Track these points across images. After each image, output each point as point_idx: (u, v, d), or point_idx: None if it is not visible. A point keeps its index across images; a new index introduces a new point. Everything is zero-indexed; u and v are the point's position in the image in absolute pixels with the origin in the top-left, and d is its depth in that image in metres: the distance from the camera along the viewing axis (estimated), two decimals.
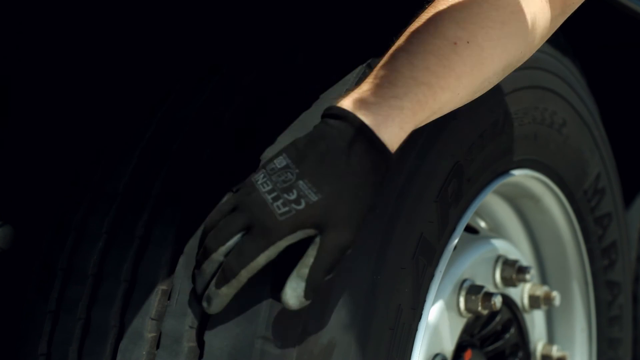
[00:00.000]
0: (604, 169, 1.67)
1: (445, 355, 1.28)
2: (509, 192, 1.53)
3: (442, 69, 0.93)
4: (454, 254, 1.29)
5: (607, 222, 1.71)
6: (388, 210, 1.03)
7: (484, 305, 1.29)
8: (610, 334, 1.78)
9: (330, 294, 0.96)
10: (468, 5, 0.96)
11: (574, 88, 1.53)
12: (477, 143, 1.21)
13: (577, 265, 1.65)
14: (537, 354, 1.61)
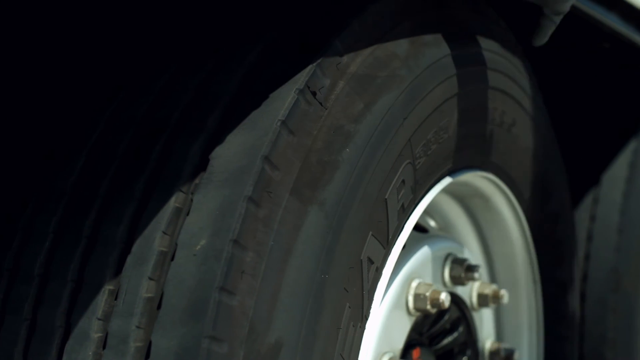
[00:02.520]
0: (552, 168, 1.72)
1: (394, 353, 1.30)
2: (458, 191, 1.57)
3: None
4: (403, 252, 1.33)
5: (555, 221, 1.76)
6: (337, 209, 1.05)
7: (432, 304, 1.33)
8: (556, 331, 1.83)
9: (278, 293, 0.98)
10: None
11: (523, 88, 1.57)
12: (426, 143, 1.24)
13: (525, 264, 1.70)
14: (485, 352, 1.65)
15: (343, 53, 1.12)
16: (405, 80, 1.18)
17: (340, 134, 1.07)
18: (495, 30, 1.50)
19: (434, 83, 1.25)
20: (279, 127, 1.02)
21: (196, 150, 1.08)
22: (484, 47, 1.43)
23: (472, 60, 1.37)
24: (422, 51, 1.24)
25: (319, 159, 1.04)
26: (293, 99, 1.05)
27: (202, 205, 1.01)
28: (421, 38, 1.25)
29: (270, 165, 1.00)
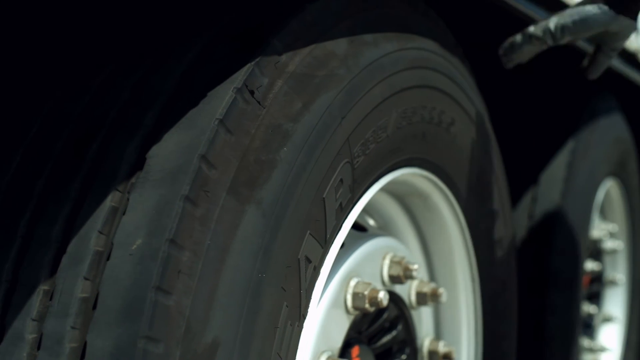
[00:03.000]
0: (491, 167, 1.75)
1: (332, 352, 1.32)
2: (397, 190, 1.59)
3: None
4: (341, 251, 1.35)
5: (494, 220, 1.80)
6: (274, 208, 1.06)
7: (371, 303, 1.35)
8: (496, 329, 1.87)
9: (214, 292, 0.99)
10: None
11: (462, 88, 1.60)
12: (365, 142, 1.26)
13: (464, 262, 1.73)
14: (424, 350, 1.68)
15: (282, 52, 1.14)
16: (344, 79, 1.20)
17: (278, 133, 1.08)
18: (434, 30, 1.53)
19: (373, 82, 1.27)
20: (216, 125, 1.03)
21: (133, 149, 1.08)
22: (423, 47, 1.46)
23: (411, 59, 1.40)
24: (361, 51, 1.26)
25: (256, 158, 1.05)
26: (231, 98, 1.06)
27: (139, 204, 1.02)
28: (360, 38, 1.27)
29: (208, 164, 1.01)
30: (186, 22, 1.24)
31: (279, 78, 1.11)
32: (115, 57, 1.20)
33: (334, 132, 1.17)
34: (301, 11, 1.19)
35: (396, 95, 1.34)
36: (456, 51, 1.62)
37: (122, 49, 1.21)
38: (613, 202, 3.16)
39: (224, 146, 1.03)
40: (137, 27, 1.26)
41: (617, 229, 3.19)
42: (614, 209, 3.20)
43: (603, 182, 2.85)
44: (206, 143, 1.02)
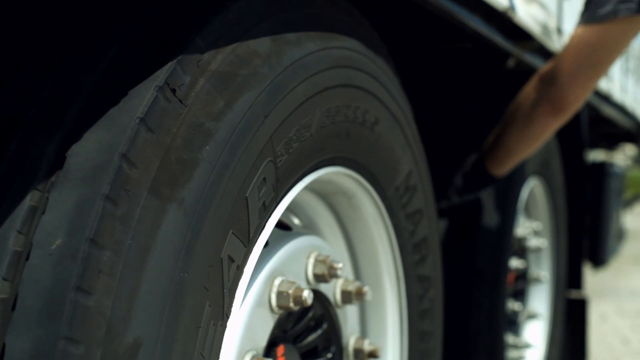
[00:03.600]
0: (415, 166, 1.79)
1: (257, 351, 1.33)
2: (322, 189, 1.62)
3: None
4: (265, 250, 1.36)
5: (419, 219, 1.84)
6: (196, 207, 1.07)
7: (295, 302, 1.37)
8: (421, 327, 1.91)
9: (136, 292, 1.00)
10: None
11: (386, 87, 1.63)
12: (288, 141, 1.28)
13: (389, 261, 1.76)
14: (349, 348, 1.70)
15: (204, 50, 1.15)
16: (267, 78, 1.21)
17: (200, 132, 1.09)
18: (358, 30, 1.55)
19: (296, 81, 1.29)
20: (137, 124, 1.03)
21: (52, 148, 1.08)
22: (347, 46, 1.48)
23: (334, 59, 1.42)
24: (284, 49, 1.28)
25: (178, 157, 1.06)
26: (152, 96, 1.06)
27: (59, 203, 1.02)
28: (283, 36, 1.29)
29: (128, 163, 1.01)
30: (108, 20, 1.24)
31: (201, 76, 1.12)
32: (34, 56, 1.19)
33: (257, 131, 1.18)
34: (224, 10, 1.20)
35: (320, 95, 1.36)
36: (380, 50, 1.64)
37: (42, 48, 1.20)
38: (537, 200, 3.25)
39: (145, 145, 1.03)
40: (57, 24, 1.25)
41: (541, 227, 3.28)
42: (537, 207, 3.29)
43: (527, 181, 2.93)
44: (127, 142, 1.02)
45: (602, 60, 2.37)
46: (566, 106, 2.38)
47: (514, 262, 2.89)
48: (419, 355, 1.89)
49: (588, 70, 2.36)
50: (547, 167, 3.18)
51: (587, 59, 2.34)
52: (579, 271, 3.92)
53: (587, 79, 2.38)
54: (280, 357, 1.48)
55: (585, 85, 2.39)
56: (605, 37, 2.32)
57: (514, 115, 2.49)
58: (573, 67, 2.34)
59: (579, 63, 2.34)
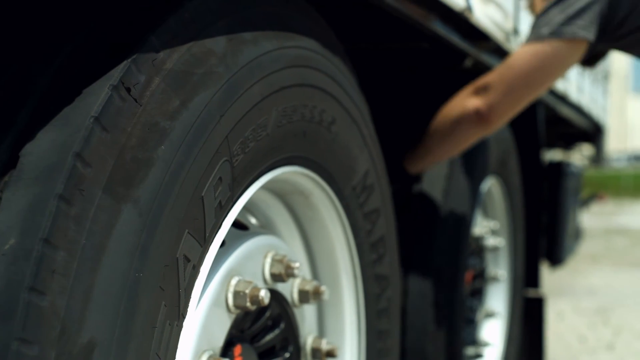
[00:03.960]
0: (372, 166, 1.81)
1: (214, 351, 1.34)
2: (279, 188, 1.62)
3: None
4: (222, 250, 1.37)
5: (376, 218, 1.85)
6: (151, 207, 1.07)
7: (252, 301, 1.37)
8: (379, 325, 1.93)
9: (90, 292, 1.00)
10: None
11: (343, 87, 1.65)
12: (244, 140, 1.29)
13: (346, 260, 1.78)
14: (307, 348, 1.71)
15: (159, 49, 1.15)
16: (223, 77, 1.22)
17: (156, 131, 1.10)
18: (315, 29, 1.56)
19: (252, 81, 1.29)
20: (91, 123, 1.03)
21: (6, 148, 1.07)
22: (304, 46, 1.49)
23: (291, 58, 1.43)
24: (240, 49, 1.28)
25: (133, 156, 1.06)
26: (107, 95, 1.06)
27: (11, 203, 1.01)
28: (240, 36, 1.29)
29: (82, 163, 1.01)
30: (63, 19, 1.23)
31: (156, 75, 1.12)
32: None
33: (213, 130, 1.19)
34: (179, 9, 1.21)
35: (276, 94, 1.37)
36: (337, 50, 1.66)
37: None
38: (494, 200, 3.29)
39: (100, 144, 1.03)
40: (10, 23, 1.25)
41: (498, 226, 3.31)
42: (495, 207, 3.32)
43: (484, 181, 2.96)
44: (81, 141, 1.02)
45: (536, 80, 2.42)
46: (492, 120, 2.43)
47: (471, 261, 2.92)
48: (376, 354, 1.91)
49: (521, 89, 2.40)
50: (505, 166, 3.22)
51: (522, 78, 2.39)
52: (536, 270, 3.97)
53: (518, 97, 2.42)
54: (238, 357, 1.48)
55: (514, 103, 2.44)
56: (543, 56, 2.36)
57: (442, 117, 2.52)
58: (507, 83, 2.39)
59: (514, 80, 2.39)
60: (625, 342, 5.96)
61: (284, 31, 1.43)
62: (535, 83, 2.43)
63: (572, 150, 7.80)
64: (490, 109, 2.40)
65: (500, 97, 2.39)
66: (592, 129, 6.71)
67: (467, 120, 2.43)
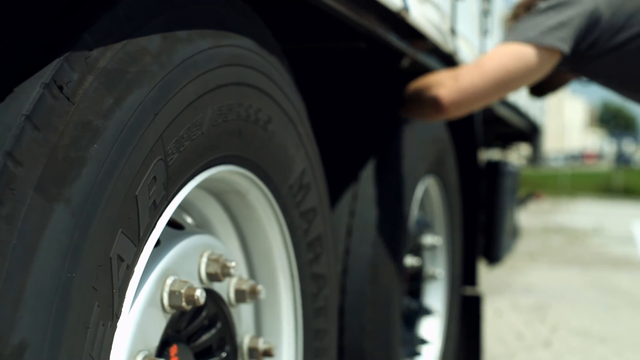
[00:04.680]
0: (309, 165, 1.82)
1: (149, 351, 1.34)
2: (215, 187, 1.63)
3: None
4: (157, 250, 1.37)
5: (312, 217, 1.87)
6: (84, 207, 1.07)
7: (187, 301, 1.37)
8: (316, 325, 1.94)
9: (21, 293, 0.99)
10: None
11: (280, 86, 1.66)
12: (179, 139, 1.29)
13: (283, 259, 1.79)
14: (244, 347, 1.72)
15: (92, 47, 1.14)
16: (157, 76, 1.22)
17: (89, 130, 1.09)
18: (251, 28, 1.57)
19: (187, 79, 1.30)
20: (22, 122, 1.03)
21: None
22: (240, 45, 1.50)
23: (226, 57, 1.43)
24: (174, 47, 1.28)
25: (65, 155, 1.06)
26: (39, 94, 1.05)
27: None
28: (174, 34, 1.30)
29: (14, 162, 1.00)
30: None
31: (89, 74, 1.12)
32: None
33: (147, 129, 1.19)
34: (113, 6, 1.20)
35: (211, 93, 1.37)
36: (274, 49, 1.66)
37: None
38: (432, 198, 3.33)
39: (31, 143, 1.03)
40: None
41: (435, 225, 3.36)
42: (432, 206, 3.37)
43: (422, 180, 3.00)
44: (12, 140, 1.01)
45: (503, 81, 2.54)
46: (448, 112, 2.58)
47: (409, 259, 2.95)
48: (313, 352, 1.92)
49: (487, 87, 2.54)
50: (442, 166, 3.26)
51: (492, 76, 2.52)
52: (473, 268, 4.04)
53: (481, 95, 2.57)
54: (174, 357, 1.48)
55: (475, 100, 2.58)
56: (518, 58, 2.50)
57: (415, 87, 2.67)
58: (474, 79, 2.53)
59: (484, 79, 2.53)
60: (562, 338, 6.09)
61: (220, 30, 1.44)
62: (504, 84, 2.56)
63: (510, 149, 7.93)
64: (451, 101, 2.55)
65: (468, 91, 2.53)
66: (530, 128, 6.83)
67: (427, 102, 2.60)
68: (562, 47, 2.49)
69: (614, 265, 10.42)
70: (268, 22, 1.69)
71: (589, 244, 12.91)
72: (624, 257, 11.16)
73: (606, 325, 6.64)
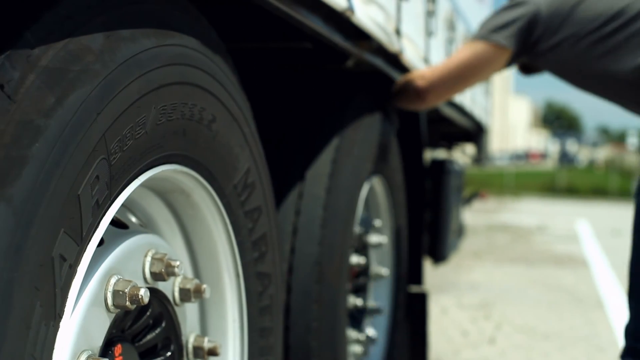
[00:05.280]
0: (254, 164, 1.83)
1: (93, 351, 1.33)
2: (159, 187, 1.63)
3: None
4: (100, 249, 1.36)
5: (257, 216, 1.87)
6: (26, 206, 1.06)
7: (131, 300, 1.37)
8: (261, 323, 1.95)
9: None
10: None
11: (224, 85, 1.66)
12: (122, 138, 1.29)
13: (228, 258, 1.79)
14: (189, 346, 1.72)
15: (34, 46, 1.14)
16: (100, 75, 1.22)
17: (30, 129, 1.09)
18: (196, 28, 1.57)
19: (130, 78, 1.29)
20: None
21: None
22: (184, 44, 1.50)
23: (170, 56, 1.43)
24: (117, 46, 1.28)
25: (6, 154, 1.05)
26: None
27: None
28: (118, 33, 1.29)
29: None
30: None
31: (30, 72, 1.12)
32: None
33: (89, 128, 1.18)
34: (56, 4, 1.20)
35: (155, 92, 1.37)
36: (218, 48, 1.67)
37: None
38: (377, 198, 3.36)
39: None
40: None
41: (381, 224, 3.38)
42: (378, 205, 3.39)
43: (367, 179, 3.02)
44: None
45: (466, 73, 3.08)
46: (427, 100, 3.15)
47: (354, 258, 2.97)
48: (259, 351, 1.93)
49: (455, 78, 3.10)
50: (387, 165, 3.29)
51: (457, 69, 3.06)
52: (419, 267, 4.08)
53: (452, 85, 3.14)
54: (118, 356, 1.48)
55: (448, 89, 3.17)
56: (474, 53, 3.02)
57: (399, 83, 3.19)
58: (446, 71, 3.08)
59: (450, 70, 3.07)
60: (506, 335, 6.18)
61: (163, 29, 1.44)
62: (465, 75, 3.09)
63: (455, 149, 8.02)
64: (427, 90, 3.09)
65: (439, 82, 3.08)
66: (475, 128, 6.91)
67: (411, 92, 3.15)
68: (506, 44, 2.94)
69: (557, 263, 10.60)
70: (213, 22, 1.69)
71: (534, 242, 13.11)
72: (568, 255, 11.36)
73: (549, 321, 6.75)
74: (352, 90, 2.90)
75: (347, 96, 2.84)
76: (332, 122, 2.72)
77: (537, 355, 5.59)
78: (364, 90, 2.99)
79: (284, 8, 1.85)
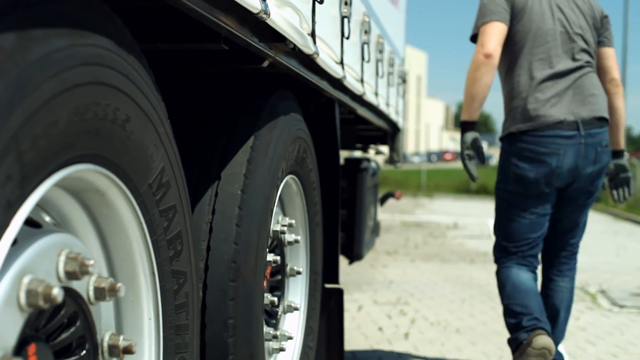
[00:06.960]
0: (169, 163, 1.83)
1: (5, 351, 1.31)
2: (73, 186, 1.61)
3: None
4: (13, 249, 1.35)
5: (173, 214, 1.88)
6: None
7: (45, 300, 1.36)
8: (177, 321, 1.95)
9: None
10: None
11: (138, 85, 1.66)
12: (35, 138, 1.27)
13: (143, 257, 1.79)
14: (104, 345, 1.71)
15: None
16: (11, 73, 1.21)
17: None
18: (109, 28, 1.57)
19: (43, 78, 1.29)
20: None
21: None
22: (98, 44, 1.49)
23: (84, 56, 1.43)
24: (29, 45, 1.27)
25: None
26: None
27: None
28: (30, 32, 1.28)
29: None
30: None
31: None
32: None
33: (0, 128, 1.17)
34: None
35: (68, 92, 1.36)
36: (133, 49, 1.66)
37: None
38: (292, 197, 3.38)
39: None
40: None
41: (296, 223, 3.41)
42: (293, 204, 3.42)
43: (283, 178, 3.04)
44: None
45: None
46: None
47: (270, 256, 2.99)
48: (174, 348, 1.93)
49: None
50: (302, 165, 3.32)
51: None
52: (335, 265, 4.12)
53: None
54: (32, 356, 1.46)
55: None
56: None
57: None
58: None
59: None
60: (420, 330, 6.28)
61: (77, 29, 1.43)
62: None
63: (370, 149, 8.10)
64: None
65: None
66: (390, 130, 7.00)
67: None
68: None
69: (470, 260, 10.81)
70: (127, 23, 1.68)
71: (447, 240, 13.34)
72: (480, 253, 11.59)
73: (462, 316, 6.89)
74: (268, 91, 2.92)
75: (263, 97, 2.86)
76: (247, 122, 2.74)
77: (450, 349, 5.70)
78: (280, 91, 3.01)
79: (198, 9, 1.85)
